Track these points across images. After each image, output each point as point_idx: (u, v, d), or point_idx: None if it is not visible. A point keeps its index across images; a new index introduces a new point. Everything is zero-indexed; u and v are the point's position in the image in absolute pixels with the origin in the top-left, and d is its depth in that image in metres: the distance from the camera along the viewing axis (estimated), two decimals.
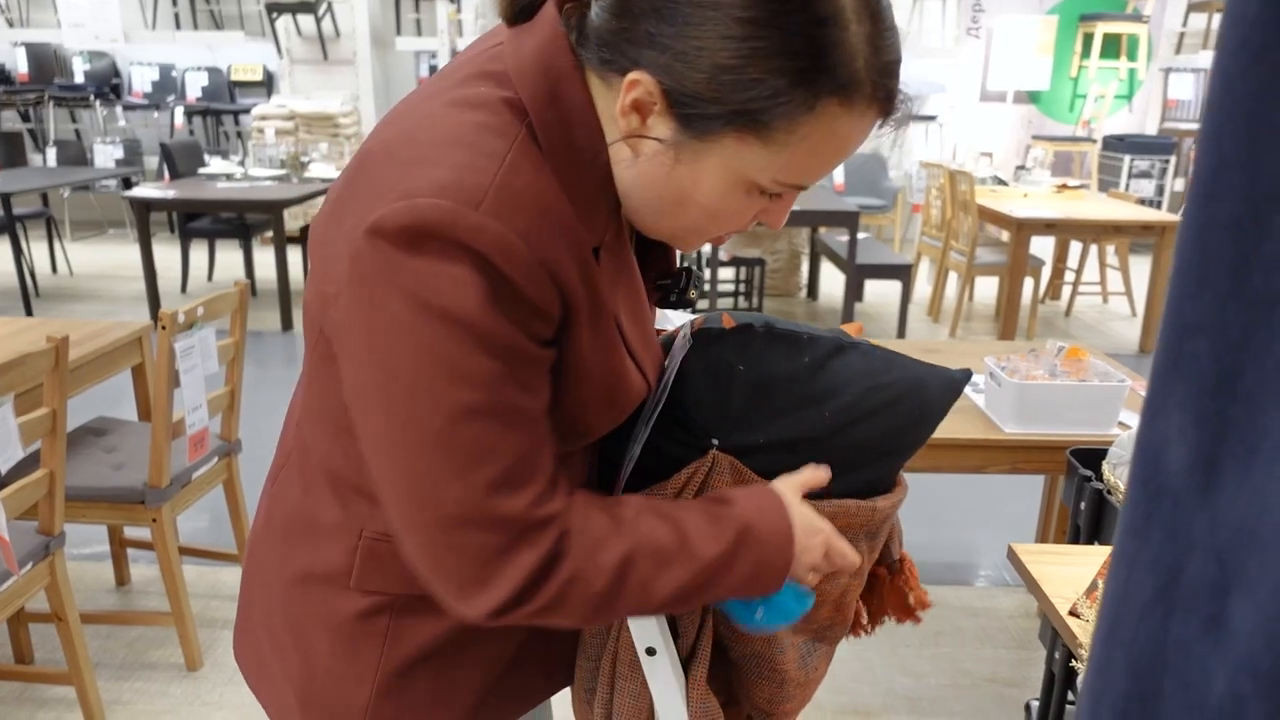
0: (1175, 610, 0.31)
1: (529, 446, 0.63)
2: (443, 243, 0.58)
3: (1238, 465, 0.29)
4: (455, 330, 0.58)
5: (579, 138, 0.63)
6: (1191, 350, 0.30)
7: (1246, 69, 0.28)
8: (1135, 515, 0.33)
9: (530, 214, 0.60)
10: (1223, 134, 0.29)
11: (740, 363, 0.76)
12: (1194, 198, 0.30)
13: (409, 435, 0.61)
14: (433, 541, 0.63)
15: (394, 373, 0.60)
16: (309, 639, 0.76)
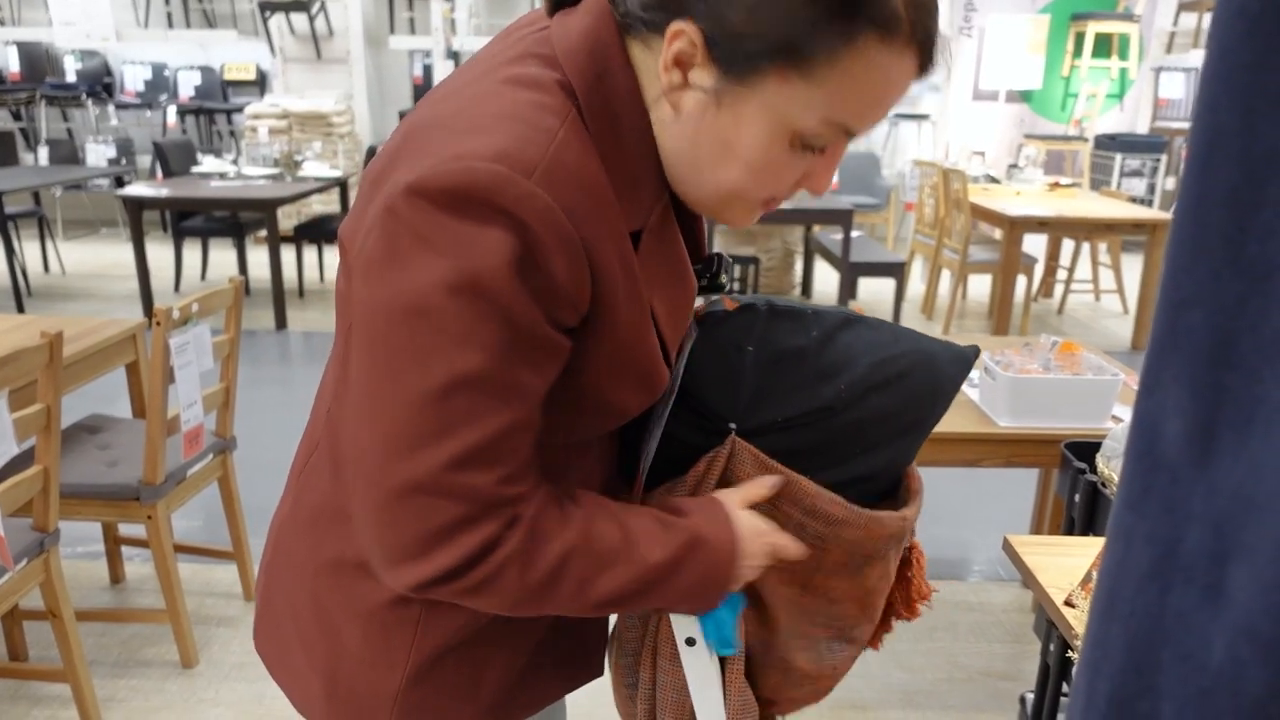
0: (1173, 582, 0.31)
1: (514, 425, 0.61)
2: (489, 208, 0.58)
3: (1234, 434, 0.29)
4: (478, 296, 0.58)
5: (624, 119, 0.64)
6: (1187, 323, 0.31)
7: (1242, 37, 0.28)
8: (1132, 489, 0.33)
9: (577, 191, 0.60)
10: (1219, 104, 0.29)
11: (748, 343, 0.75)
12: (1190, 170, 0.31)
13: (399, 392, 0.60)
14: (390, 504, 0.61)
15: (402, 327, 0.59)
16: (338, 627, 0.75)
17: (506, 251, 0.58)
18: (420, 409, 0.60)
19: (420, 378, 0.59)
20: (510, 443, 0.62)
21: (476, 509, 0.61)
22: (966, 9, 7.13)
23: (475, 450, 0.60)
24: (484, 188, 0.57)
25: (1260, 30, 0.28)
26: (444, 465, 0.60)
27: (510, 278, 0.58)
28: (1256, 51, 0.28)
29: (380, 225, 0.60)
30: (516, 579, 0.64)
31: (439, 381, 0.59)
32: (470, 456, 0.60)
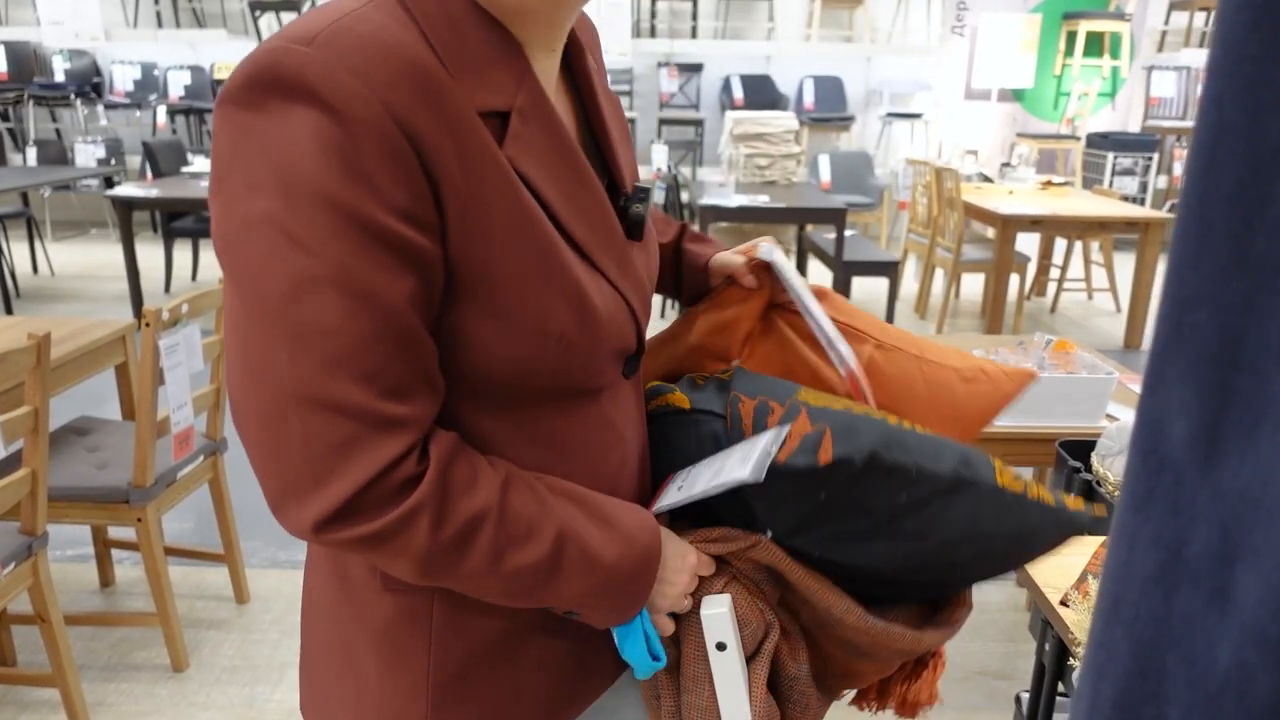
0: (1179, 584, 0.30)
1: (376, 333, 0.57)
2: (271, 89, 0.55)
3: (1241, 435, 0.29)
4: (292, 190, 0.55)
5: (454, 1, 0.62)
6: (1192, 321, 0.30)
7: (1248, 30, 0.28)
8: (1137, 490, 0.33)
9: (372, 55, 0.56)
10: (1224, 99, 0.29)
11: (824, 490, 0.69)
12: (1194, 166, 0.30)
13: (250, 313, 0.57)
14: (265, 427, 0.57)
15: (238, 247, 0.57)
16: (358, 658, 0.72)
17: (304, 130, 0.55)
18: (272, 323, 0.56)
19: (264, 292, 0.56)
20: (379, 353, 0.57)
21: (361, 426, 0.57)
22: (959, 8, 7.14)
23: (337, 359, 0.56)
24: (263, 69, 0.55)
25: (1265, 23, 0.27)
26: (309, 376, 0.56)
27: (316, 159, 0.55)
28: (1261, 44, 0.27)
29: (213, 149, 0.59)
30: (427, 532, 0.60)
31: (280, 290, 0.56)
32: (334, 365, 0.56)
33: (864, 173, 6.54)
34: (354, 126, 0.55)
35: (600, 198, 0.70)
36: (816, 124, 7.00)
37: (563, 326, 0.65)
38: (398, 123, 0.56)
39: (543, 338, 0.64)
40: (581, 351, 0.67)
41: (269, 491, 0.59)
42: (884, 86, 7.25)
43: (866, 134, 7.40)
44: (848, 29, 7.26)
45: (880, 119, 7.25)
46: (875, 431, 0.71)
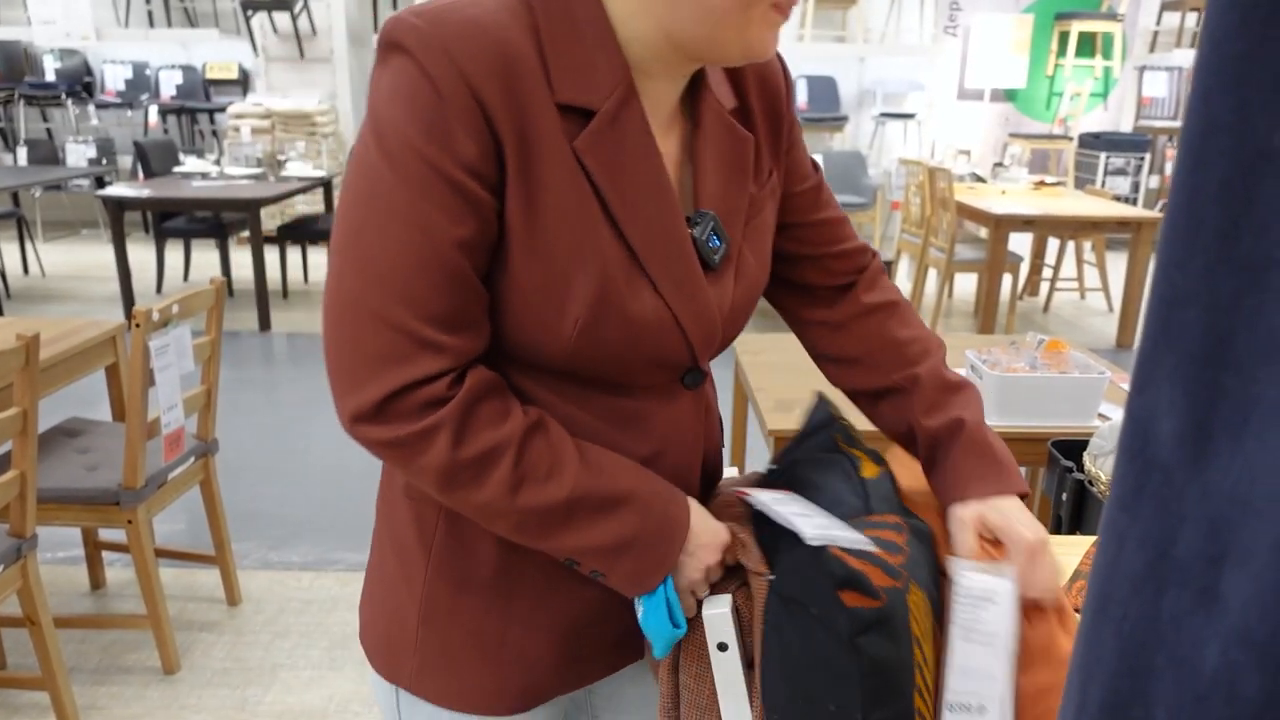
0: (1167, 584, 0.30)
1: (427, 262, 0.65)
2: (386, 48, 0.66)
3: (1229, 434, 0.28)
4: (382, 133, 0.65)
5: (577, 5, 0.69)
6: (1180, 319, 0.30)
7: (1236, 28, 0.28)
8: (1125, 489, 0.32)
9: (466, 35, 0.65)
10: (1211, 96, 0.29)
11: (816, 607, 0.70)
12: (1182, 163, 0.30)
13: (338, 227, 0.67)
14: (332, 333, 0.67)
15: (348, 174, 0.68)
16: (385, 554, 0.82)
17: (399, 82, 0.64)
18: (349, 244, 0.66)
19: (348, 208, 0.67)
20: (426, 282, 0.65)
21: (401, 341, 0.65)
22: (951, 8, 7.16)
23: (391, 277, 0.65)
24: (385, 32, 0.66)
25: (1253, 20, 0.27)
26: (366, 286, 0.65)
27: (403, 107, 0.64)
28: (1250, 42, 0.27)
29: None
30: (447, 449, 0.66)
31: (360, 210, 0.66)
32: (387, 282, 0.65)
33: (857, 173, 6.55)
34: (437, 86, 0.64)
35: (669, 214, 0.72)
36: (810, 124, 7.01)
37: (579, 315, 0.68)
38: (471, 90, 0.64)
39: (557, 321, 0.69)
40: (604, 348, 0.70)
41: (331, 386, 0.69)
42: (877, 86, 7.26)
43: (860, 134, 7.41)
44: (841, 29, 7.27)
45: (873, 119, 7.26)
46: (898, 651, 0.70)
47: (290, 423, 3.41)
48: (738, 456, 2.26)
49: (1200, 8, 7.00)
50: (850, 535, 0.70)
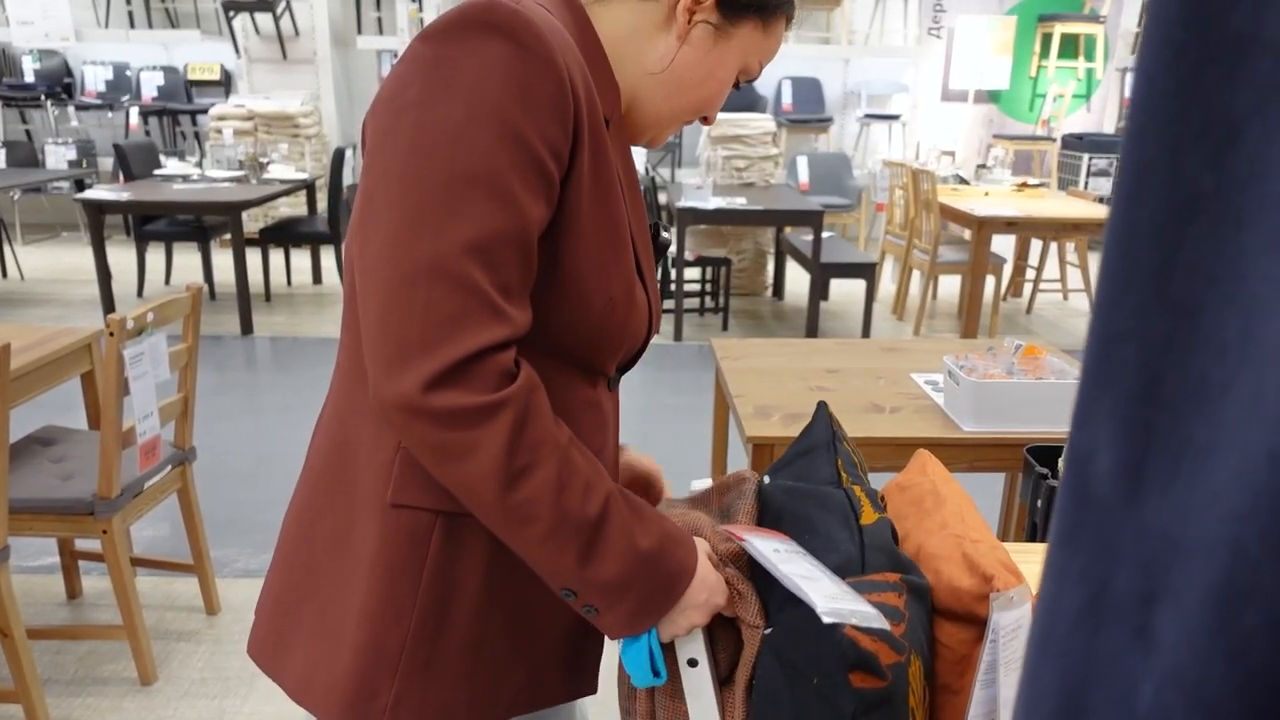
0: (1104, 622, 0.30)
1: (509, 232, 0.66)
2: (481, 27, 0.66)
3: (1162, 474, 0.28)
4: (475, 103, 0.65)
5: (584, 34, 0.78)
6: (1118, 356, 0.30)
7: (1168, 67, 0.27)
8: (1064, 525, 0.32)
9: (556, 32, 0.70)
10: (1145, 134, 0.29)
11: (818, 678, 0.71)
12: (1118, 201, 0.30)
13: (407, 192, 0.65)
14: (394, 292, 0.64)
15: (408, 139, 0.66)
16: (349, 578, 0.76)
17: (498, 63, 0.66)
18: (428, 202, 0.65)
19: (423, 175, 0.65)
20: (506, 250, 0.66)
21: (479, 304, 0.65)
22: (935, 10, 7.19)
23: (475, 243, 0.65)
24: (476, 12, 0.67)
25: (1186, 59, 0.27)
26: (447, 249, 0.64)
27: (503, 88, 0.66)
28: (1182, 81, 0.27)
29: (391, 75, 0.69)
30: (514, 427, 0.65)
31: (440, 177, 0.65)
32: (470, 249, 0.65)
33: (842, 174, 6.57)
34: (538, 67, 0.67)
35: (644, 214, 0.84)
36: (795, 125, 7.02)
37: (614, 294, 0.75)
38: (570, 79, 0.69)
39: (593, 299, 0.74)
40: (614, 329, 0.77)
41: (382, 353, 0.65)
42: (862, 88, 7.28)
43: (845, 135, 7.43)
44: (825, 30, 7.28)
45: (858, 120, 7.28)
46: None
47: (272, 428, 3.39)
48: (718, 463, 2.26)
49: None
50: (862, 609, 0.69)
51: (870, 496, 0.85)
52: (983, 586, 0.75)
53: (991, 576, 0.76)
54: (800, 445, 0.92)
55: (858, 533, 0.80)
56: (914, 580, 0.77)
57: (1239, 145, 0.25)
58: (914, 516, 0.91)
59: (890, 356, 2.05)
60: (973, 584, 0.76)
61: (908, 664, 0.70)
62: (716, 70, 0.82)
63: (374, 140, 0.68)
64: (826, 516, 0.81)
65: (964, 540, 0.81)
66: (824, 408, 0.94)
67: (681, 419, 3.59)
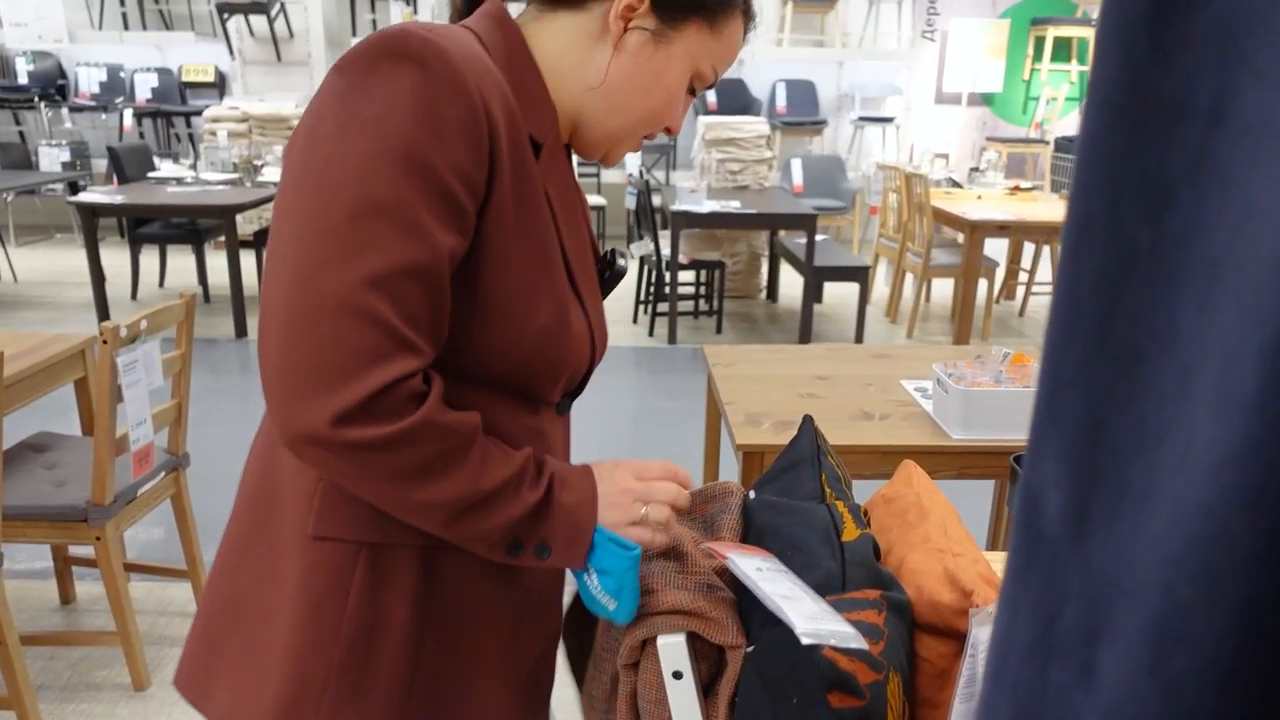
0: (1052, 656, 0.31)
1: (417, 265, 0.65)
2: (390, 58, 0.66)
3: (1106, 516, 0.29)
4: (382, 133, 0.64)
5: (517, 56, 0.77)
6: (1065, 401, 0.31)
7: (1108, 128, 0.29)
8: (1018, 560, 0.33)
9: (471, 58, 0.69)
10: (1089, 190, 0.30)
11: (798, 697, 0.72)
12: (1065, 252, 0.31)
13: (307, 227, 0.64)
14: (297, 329, 0.63)
15: (315, 170, 0.65)
16: (270, 611, 0.75)
17: (406, 90, 0.65)
18: (324, 238, 0.64)
19: (329, 209, 0.64)
20: (414, 283, 0.65)
21: (385, 339, 0.64)
22: (929, 13, 7.21)
23: (381, 276, 0.64)
24: (389, 40, 0.66)
25: (1124, 121, 0.28)
26: (352, 283, 0.63)
27: (410, 114, 0.65)
28: (1120, 143, 0.28)
29: (309, 107, 0.68)
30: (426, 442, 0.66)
31: (346, 210, 0.64)
32: (376, 281, 0.64)
33: (836, 176, 6.59)
34: (448, 95, 0.66)
35: (586, 240, 0.83)
36: (789, 127, 7.04)
37: (544, 324, 0.74)
38: (484, 106, 0.68)
39: (524, 329, 0.73)
40: (549, 357, 0.76)
41: (284, 388, 0.64)
42: (856, 90, 7.31)
43: (839, 138, 7.45)
44: (819, 33, 7.30)
45: (852, 123, 7.30)
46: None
47: None
48: (710, 466, 2.27)
49: None
50: (841, 629, 0.70)
51: (853, 512, 0.86)
52: (962, 601, 0.77)
53: (971, 591, 0.77)
54: (785, 459, 0.93)
55: (839, 549, 0.81)
56: (894, 596, 0.78)
57: (1173, 208, 0.27)
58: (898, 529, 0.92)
59: (880, 363, 2.07)
60: (953, 599, 0.77)
61: (886, 681, 0.71)
62: (661, 78, 0.78)
63: (286, 174, 0.67)
64: (809, 533, 0.82)
65: (946, 555, 0.83)
66: (809, 421, 0.95)
67: (675, 422, 3.60)
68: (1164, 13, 0.27)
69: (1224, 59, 0.25)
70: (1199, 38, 0.26)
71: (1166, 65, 0.27)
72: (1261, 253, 0.23)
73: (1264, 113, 0.24)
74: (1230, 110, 0.25)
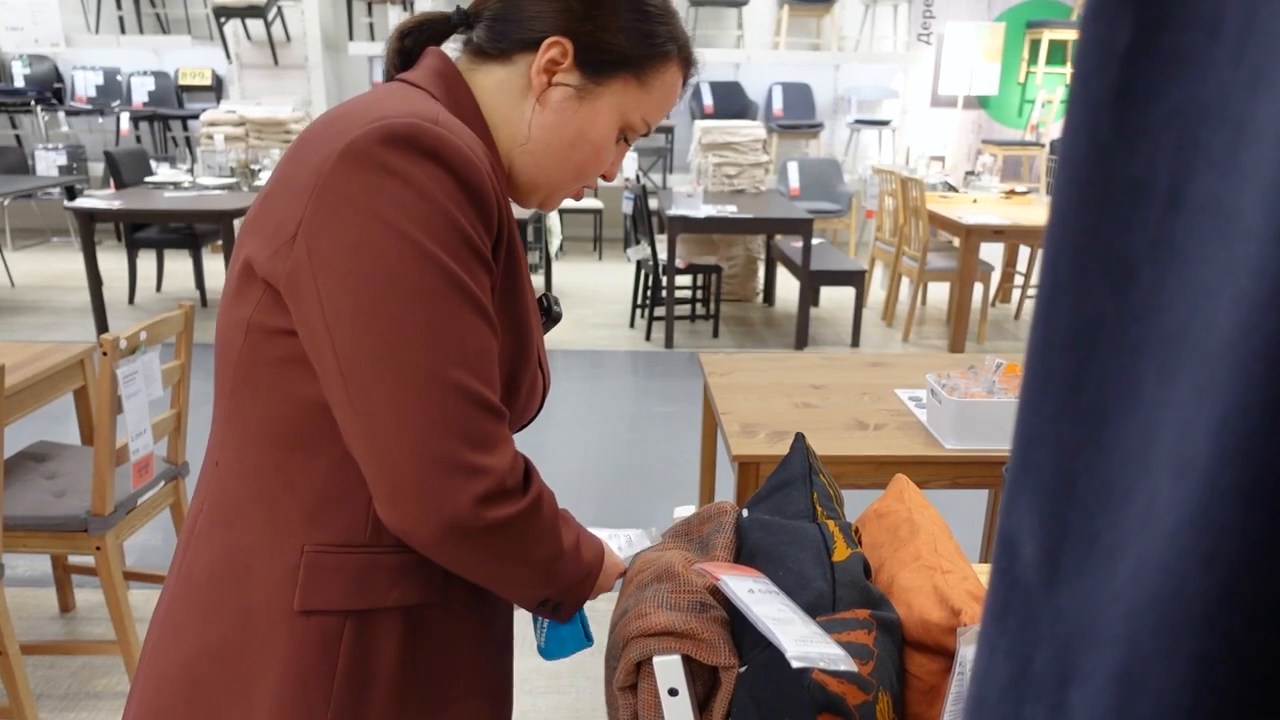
0: (1027, 697, 0.33)
1: (490, 344, 0.70)
2: (411, 148, 0.67)
3: (1075, 566, 0.31)
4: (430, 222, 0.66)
5: (473, 121, 0.80)
6: (1036, 458, 0.33)
7: (1076, 204, 0.30)
8: (995, 603, 0.35)
9: (470, 139, 0.72)
10: (1059, 260, 0.31)
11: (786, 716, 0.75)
12: (1037, 315, 0.33)
13: (389, 331, 0.65)
14: (423, 429, 0.65)
15: (363, 260, 0.65)
16: (251, 689, 0.73)
17: (435, 180, 0.67)
18: (410, 335, 0.66)
19: (404, 308, 0.66)
20: (490, 360, 0.70)
21: (496, 420, 0.70)
22: (924, 16, 7.24)
23: (473, 360, 0.68)
24: (403, 131, 0.68)
25: (1090, 198, 0.30)
26: (459, 375, 0.67)
27: (443, 199, 0.67)
28: (1088, 218, 0.30)
29: (319, 199, 0.67)
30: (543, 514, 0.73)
31: (417, 304, 0.66)
32: (473, 367, 0.68)
33: (833, 179, 6.61)
34: (470, 185, 0.69)
35: (532, 295, 0.85)
36: (785, 131, 7.06)
37: (532, 374, 0.79)
38: (495, 188, 0.72)
39: (519, 380, 0.78)
40: (520, 404, 0.81)
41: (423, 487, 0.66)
42: (852, 94, 7.33)
43: (835, 140, 7.48)
44: (816, 36, 7.33)
45: (848, 126, 7.33)
46: None
47: None
48: (707, 472, 2.29)
49: None
50: (830, 651, 0.71)
51: (844, 531, 0.88)
52: (951, 620, 0.78)
53: (960, 610, 0.79)
54: (778, 478, 0.95)
55: (830, 569, 0.83)
56: (884, 615, 0.80)
57: (1135, 284, 0.28)
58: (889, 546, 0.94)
59: (875, 372, 2.09)
60: (942, 617, 0.79)
61: (875, 701, 0.73)
62: (586, 133, 0.80)
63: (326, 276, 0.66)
64: (800, 554, 0.84)
65: (935, 572, 0.84)
66: (801, 439, 0.97)
67: (671, 427, 3.62)
68: (1127, 99, 0.28)
69: (1181, 146, 0.27)
70: (1159, 124, 0.27)
71: (1130, 148, 0.28)
72: (1213, 334, 0.25)
73: (1216, 199, 0.26)
74: (1186, 195, 0.27)
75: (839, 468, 1.65)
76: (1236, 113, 0.25)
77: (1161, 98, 0.27)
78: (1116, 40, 0.28)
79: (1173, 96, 0.27)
